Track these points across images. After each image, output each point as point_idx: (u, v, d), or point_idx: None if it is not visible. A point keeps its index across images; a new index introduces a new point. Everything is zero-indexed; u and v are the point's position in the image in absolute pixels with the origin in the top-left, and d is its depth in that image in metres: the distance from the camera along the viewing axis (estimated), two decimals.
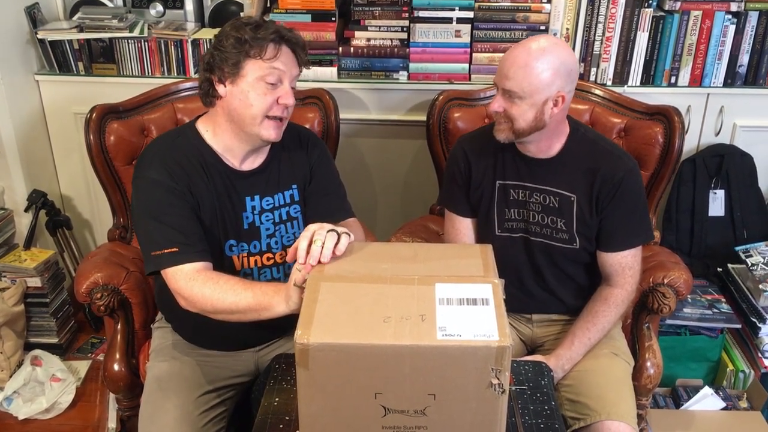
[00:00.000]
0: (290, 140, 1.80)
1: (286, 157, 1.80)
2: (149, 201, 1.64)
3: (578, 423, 1.70)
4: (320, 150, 1.86)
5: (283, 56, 1.62)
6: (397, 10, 2.48)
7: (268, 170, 1.77)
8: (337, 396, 1.19)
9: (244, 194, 1.73)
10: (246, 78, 1.61)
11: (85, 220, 2.91)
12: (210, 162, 1.70)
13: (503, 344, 1.13)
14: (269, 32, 1.60)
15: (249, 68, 1.61)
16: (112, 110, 2.15)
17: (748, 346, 2.42)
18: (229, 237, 1.72)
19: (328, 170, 1.86)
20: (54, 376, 2.54)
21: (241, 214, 1.73)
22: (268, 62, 1.60)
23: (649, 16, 2.42)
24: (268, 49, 1.60)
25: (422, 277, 1.28)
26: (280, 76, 1.62)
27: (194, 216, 1.66)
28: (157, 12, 2.66)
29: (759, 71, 2.49)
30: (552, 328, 1.94)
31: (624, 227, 1.80)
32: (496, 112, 1.73)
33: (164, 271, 1.60)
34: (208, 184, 1.69)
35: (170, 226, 1.61)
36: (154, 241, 1.61)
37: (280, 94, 1.63)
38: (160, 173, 1.64)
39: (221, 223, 1.71)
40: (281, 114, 1.65)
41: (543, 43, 1.66)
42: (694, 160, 2.53)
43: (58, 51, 2.59)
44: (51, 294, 2.69)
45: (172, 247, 1.58)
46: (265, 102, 1.62)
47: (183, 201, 1.65)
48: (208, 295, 1.53)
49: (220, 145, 1.72)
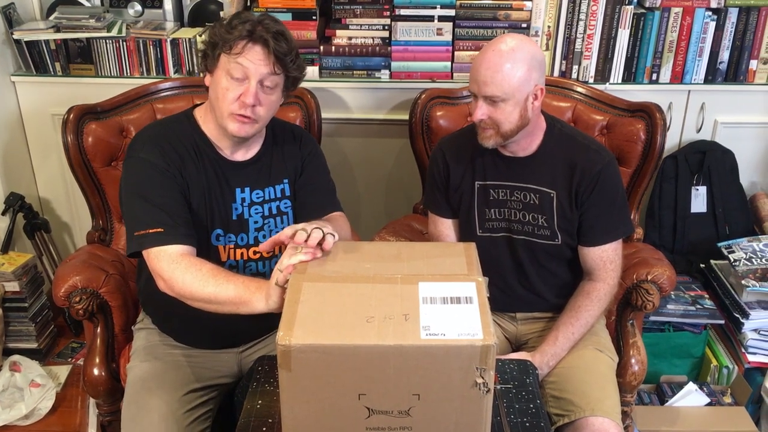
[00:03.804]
0: (283, 135, 1.82)
1: (278, 151, 1.80)
2: (138, 180, 1.63)
3: (563, 419, 1.70)
4: (312, 146, 1.86)
5: (251, 54, 1.59)
6: (379, 8, 2.47)
7: (260, 163, 1.76)
8: (321, 397, 1.18)
9: (234, 185, 1.73)
10: (218, 70, 1.63)
11: (64, 222, 2.87)
12: (203, 149, 1.71)
13: (487, 343, 1.12)
14: (244, 29, 1.59)
15: (221, 61, 1.62)
16: (90, 111, 2.12)
17: (731, 341, 2.43)
18: (216, 226, 1.71)
19: (319, 165, 1.86)
20: (33, 381, 2.50)
21: (230, 204, 1.72)
22: (234, 57, 1.59)
23: (630, 14, 2.42)
24: (236, 44, 1.59)
25: (405, 276, 1.27)
26: (245, 72, 1.60)
27: (183, 199, 1.65)
28: (136, 11, 2.63)
29: (739, 68, 2.51)
30: (536, 325, 1.94)
31: (604, 221, 1.80)
32: (480, 120, 1.72)
33: (147, 252, 1.57)
34: (200, 170, 1.69)
35: (157, 207, 1.59)
36: (140, 220, 1.59)
37: (243, 92, 1.61)
38: (153, 153, 1.64)
39: (209, 211, 1.70)
40: (242, 111, 1.62)
41: (510, 42, 1.67)
42: (676, 156, 2.55)
43: (34, 51, 2.55)
44: (30, 298, 2.65)
45: (157, 227, 1.57)
46: (228, 96, 1.61)
47: (173, 183, 1.64)
48: (189, 282, 1.51)
49: (211, 133, 1.72)
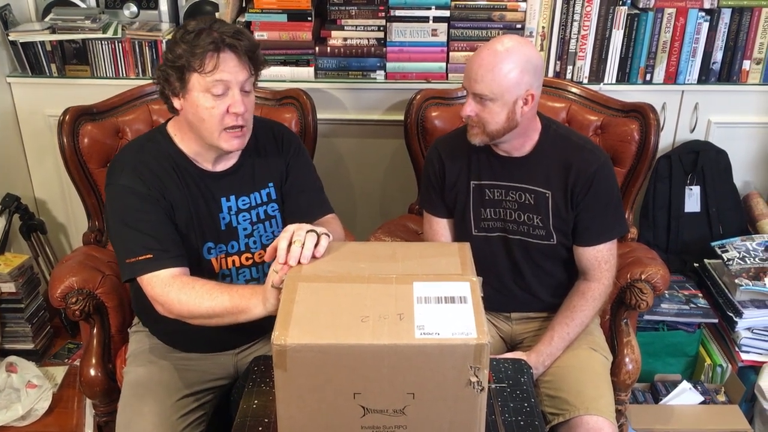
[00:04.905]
0: (264, 138, 1.79)
1: (260, 155, 1.77)
2: (122, 208, 1.62)
3: (557, 418, 1.71)
4: (295, 146, 1.83)
5: (225, 64, 1.54)
6: (374, 9, 2.47)
7: (241, 170, 1.75)
8: (316, 397, 1.18)
9: (219, 195, 1.72)
10: (193, 92, 1.57)
11: (60, 223, 2.87)
12: (182, 165, 1.68)
13: (481, 342, 1.13)
14: (207, 42, 1.52)
15: (193, 82, 1.55)
16: (86, 112, 2.12)
17: (725, 340, 2.44)
18: (206, 239, 1.71)
19: (304, 166, 1.84)
20: (30, 382, 2.50)
21: (217, 215, 1.72)
22: (209, 75, 1.53)
23: (624, 14, 2.43)
24: (206, 61, 1.52)
25: (400, 276, 1.27)
26: (225, 85, 1.55)
27: (168, 221, 1.64)
28: (131, 12, 2.63)
29: (732, 68, 2.52)
30: (531, 324, 1.95)
31: (599, 221, 1.81)
32: (468, 116, 1.73)
33: (140, 278, 1.58)
34: (182, 188, 1.67)
35: (144, 233, 1.59)
36: (129, 248, 1.59)
37: (230, 103, 1.56)
38: (132, 179, 1.62)
39: (198, 226, 1.69)
40: (236, 122, 1.59)
41: (507, 43, 1.68)
42: (670, 156, 2.56)
43: (30, 53, 2.55)
44: (26, 299, 2.65)
45: (146, 254, 1.57)
46: (215, 115, 1.57)
47: (156, 206, 1.63)
48: (185, 301, 1.52)
49: (189, 149, 1.69)
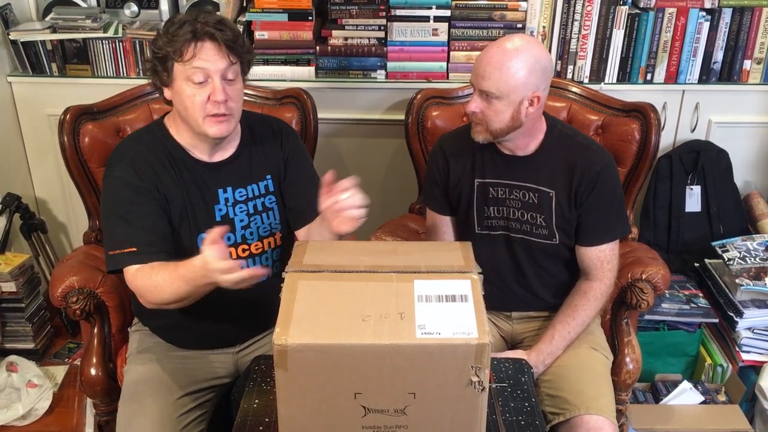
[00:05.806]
0: (262, 131, 1.81)
1: (258, 148, 1.79)
2: (114, 199, 1.66)
3: (558, 418, 1.71)
4: (293, 141, 1.86)
5: (203, 52, 1.58)
6: (375, 8, 2.47)
7: (239, 161, 1.76)
8: (317, 397, 1.18)
9: (215, 186, 1.73)
10: (177, 81, 1.61)
11: (61, 223, 2.87)
12: (178, 157, 1.71)
13: (482, 341, 1.13)
14: (187, 31, 1.56)
15: (176, 71, 1.60)
16: (87, 111, 2.12)
17: (725, 340, 2.44)
18: (201, 231, 1.71)
19: (303, 162, 1.86)
20: (30, 382, 2.50)
21: (213, 206, 1.73)
22: (188, 63, 1.57)
23: (625, 14, 2.43)
24: (185, 50, 1.57)
25: (401, 274, 1.27)
26: (205, 73, 1.58)
27: (161, 213, 1.66)
28: (132, 12, 2.63)
29: (733, 67, 2.52)
30: (532, 323, 1.94)
31: (602, 221, 1.81)
32: (473, 113, 1.73)
33: (124, 271, 1.61)
34: (177, 180, 1.69)
35: (132, 225, 1.62)
36: (115, 240, 1.62)
37: (210, 91, 1.60)
38: (126, 171, 1.66)
39: (192, 217, 1.71)
40: (218, 110, 1.61)
41: (517, 42, 1.67)
42: (671, 156, 2.55)
43: (30, 52, 2.55)
44: (26, 299, 2.64)
45: (130, 247, 1.60)
46: (197, 102, 1.60)
47: (149, 199, 1.65)
48: (153, 286, 1.55)
49: (185, 140, 1.72)
